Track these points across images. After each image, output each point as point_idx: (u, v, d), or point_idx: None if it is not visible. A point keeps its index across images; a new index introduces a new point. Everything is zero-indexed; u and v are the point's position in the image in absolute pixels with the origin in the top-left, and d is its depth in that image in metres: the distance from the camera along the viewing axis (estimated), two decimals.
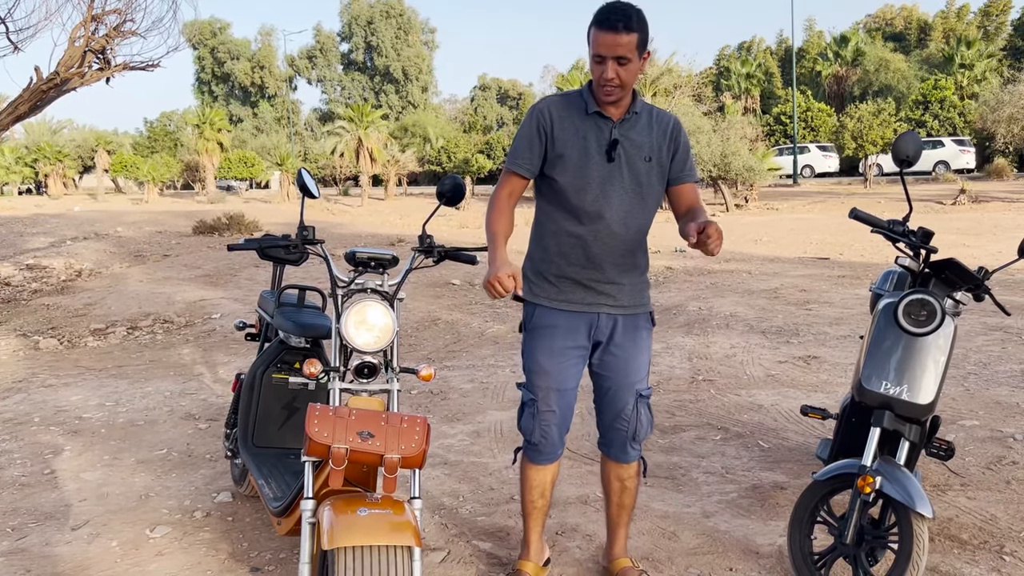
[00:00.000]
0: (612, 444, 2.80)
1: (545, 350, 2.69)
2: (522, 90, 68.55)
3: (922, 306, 2.67)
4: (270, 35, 71.72)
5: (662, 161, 2.68)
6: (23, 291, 10.37)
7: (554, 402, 2.71)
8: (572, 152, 2.61)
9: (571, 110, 2.64)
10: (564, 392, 2.71)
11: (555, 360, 2.68)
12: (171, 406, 5.31)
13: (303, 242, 2.88)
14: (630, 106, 2.62)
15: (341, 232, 17.81)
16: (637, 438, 2.76)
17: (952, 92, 36.15)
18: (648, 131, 2.65)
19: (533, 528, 2.89)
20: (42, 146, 45.20)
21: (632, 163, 2.63)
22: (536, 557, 2.91)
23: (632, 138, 2.63)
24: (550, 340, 2.69)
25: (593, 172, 2.60)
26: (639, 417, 2.73)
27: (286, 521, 2.79)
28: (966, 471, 3.85)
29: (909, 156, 2.81)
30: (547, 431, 2.73)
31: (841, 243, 13.77)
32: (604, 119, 2.61)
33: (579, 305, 2.69)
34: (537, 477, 2.82)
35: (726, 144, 23.90)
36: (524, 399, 2.76)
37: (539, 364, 2.70)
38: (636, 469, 2.86)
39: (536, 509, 2.85)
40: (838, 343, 6.58)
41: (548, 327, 2.69)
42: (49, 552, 3.27)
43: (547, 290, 2.71)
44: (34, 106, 9.07)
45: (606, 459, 2.86)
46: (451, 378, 5.81)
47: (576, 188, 2.61)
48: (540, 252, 2.74)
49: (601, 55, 2.47)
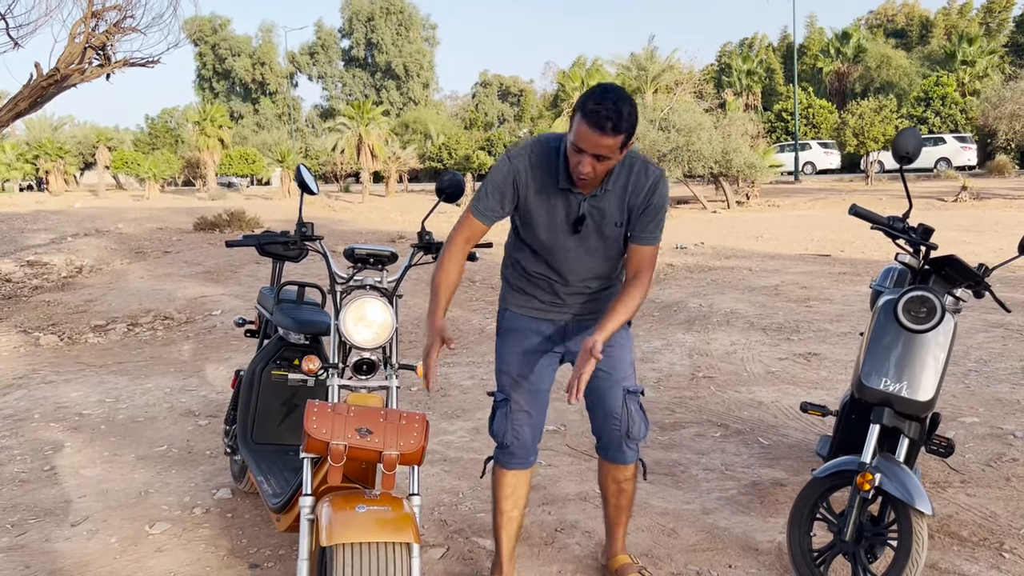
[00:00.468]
0: (609, 446, 2.76)
1: (516, 351, 2.69)
2: (523, 86, 68.52)
3: (922, 303, 2.66)
4: (271, 31, 71.71)
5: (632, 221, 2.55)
6: (24, 287, 10.37)
7: (526, 402, 2.68)
8: (540, 219, 2.55)
9: (544, 174, 2.50)
10: (536, 392, 2.70)
11: (527, 360, 2.68)
12: (171, 402, 5.31)
13: (302, 238, 2.88)
14: (603, 182, 2.48)
15: (342, 229, 17.80)
16: (632, 436, 2.71)
17: (954, 89, 36.12)
18: (621, 196, 2.51)
19: (506, 543, 2.79)
20: (43, 142, 45.19)
21: (600, 231, 2.55)
22: (509, 573, 2.82)
23: (602, 208, 2.51)
24: (521, 341, 2.69)
25: (559, 240, 2.57)
26: (630, 414, 2.68)
27: (285, 517, 2.79)
28: (966, 468, 3.84)
29: (909, 152, 2.80)
30: (519, 431, 2.69)
31: (842, 240, 13.76)
32: (574, 194, 2.50)
33: (549, 313, 2.69)
34: (511, 483, 2.74)
35: (727, 141, 23.84)
36: (496, 400, 2.73)
37: (510, 365, 2.69)
38: (634, 471, 2.82)
39: (510, 520, 2.77)
40: (839, 340, 6.57)
41: (518, 330, 2.70)
42: (49, 548, 3.27)
43: (518, 298, 2.72)
44: (34, 102, 9.06)
45: (604, 462, 2.82)
46: (451, 375, 5.81)
47: (543, 250, 2.60)
48: (512, 270, 2.75)
49: (582, 148, 2.31)
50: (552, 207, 2.53)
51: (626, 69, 36.14)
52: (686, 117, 24.31)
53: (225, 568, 3.07)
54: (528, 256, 2.66)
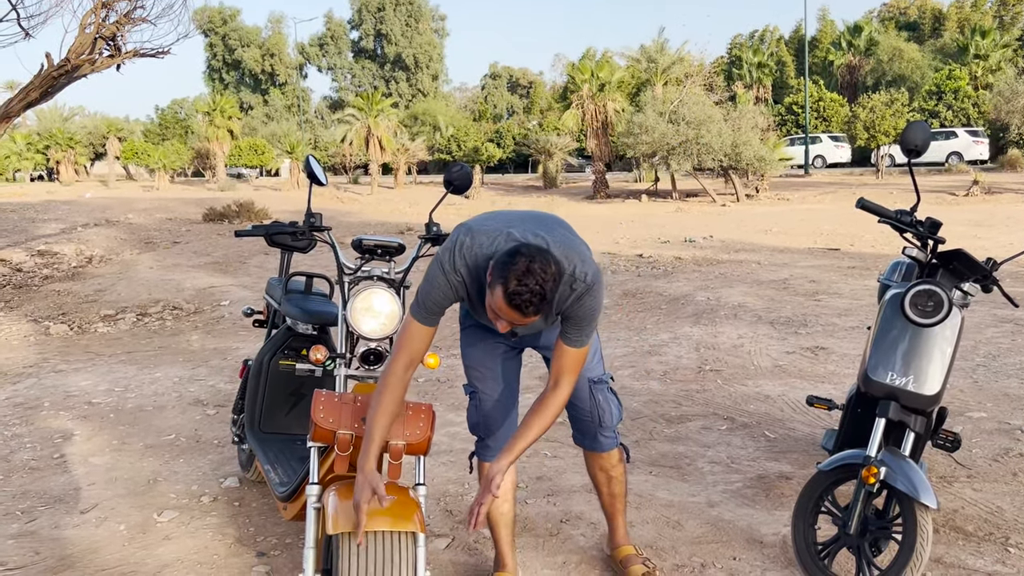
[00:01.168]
0: (584, 435, 2.80)
1: (474, 343, 2.71)
2: (533, 79, 68.35)
3: (929, 297, 2.66)
4: (280, 22, 71.67)
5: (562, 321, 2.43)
6: (34, 277, 10.43)
7: (492, 390, 2.68)
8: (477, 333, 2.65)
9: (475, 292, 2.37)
10: (500, 381, 2.69)
11: (484, 350, 2.69)
12: (179, 392, 5.35)
13: (310, 229, 2.90)
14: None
15: (350, 220, 17.83)
16: (604, 424, 2.73)
17: (966, 82, 35.85)
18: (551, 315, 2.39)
19: (503, 538, 2.81)
20: (53, 133, 45.33)
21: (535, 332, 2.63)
22: (512, 569, 2.82)
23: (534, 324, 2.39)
24: (482, 336, 2.69)
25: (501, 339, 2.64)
26: (598, 404, 2.70)
27: (292, 506, 2.81)
28: (972, 463, 3.83)
29: (918, 145, 2.79)
30: (492, 423, 2.69)
31: (851, 234, 13.71)
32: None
33: None
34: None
35: (737, 134, 23.77)
36: (467, 393, 2.75)
37: (470, 356, 2.72)
38: (618, 457, 2.83)
39: (502, 515, 2.77)
40: (847, 334, 6.55)
41: (475, 325, 2.70)
42: (58, 535, 3.30)
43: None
44: (45, 92, 9.10)
45: (586, 452, 2.85)
46: (457, 367, 5.79)
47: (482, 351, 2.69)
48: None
49: (501, 319, 2.20)
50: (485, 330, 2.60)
51: (636, 61, 35.96)
52: (696, 110, 24.24)
53: (232, 556, 3.10)
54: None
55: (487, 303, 2.21)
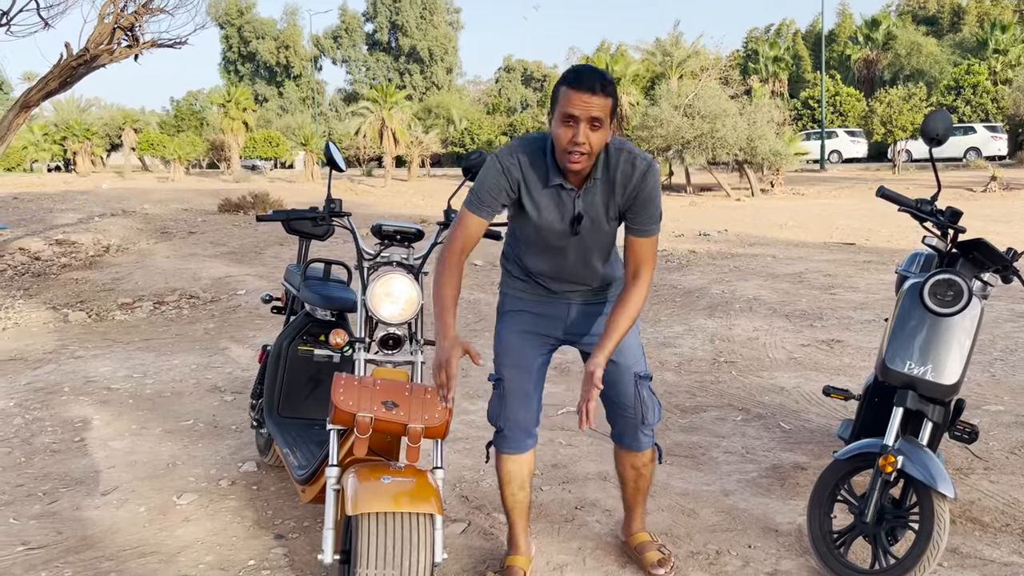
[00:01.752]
0: (624, 434, 2.76)
1: (513, 331, 2.70)
2: (547, 71, 68.20)
3: (949, 286, 2.65)
4: (295, 14, 71.80)
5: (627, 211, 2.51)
6: (53, 265, 10.52)
7: (518, 381, 2.66)
8: (535, 220, 2.51)
9: (535, 174, 2.46)
10: (528, 371, 2.67)
11: (521, 339, 2.68)
12: (197, 378, 5.39)
13: (330, 214, 2.92)
14: (592, 171, 2.43)
15: (364, 212, 17.87)
16: (647, 422, 2.70)
17: (985, 77, 35.48)
18: (611, 188, 2.46)
19: (518, 523, 2.82)
20: (71, 124, 45.63)
21: (597, 228, 2.53)
22: (525, 552, 2.84)
23: (596, 203, 2.48)
24: (519, 322, 2.70)
25: (557, 242, 2.55)
26: (643, 401, 2.67)
27: (310, 489, 2.83)
28: (990, 455, 3.82)
29: (939, 135, 2.78)
30: (513, 414, 2.67)
31: (868, 228, 13.63)
32: (567, 191, 2.45)
33: (550, 298, 2.69)
34: (512, 468, 2.73)
35: (752, 128, 23.65)
36: (492, 382, 2.73)
37: (505, 344, 2.70)
38: (651, 456, 2.81)
39: (518, 503, 2.79)
40: (862, 327, 6.53)
41: (518, 311, 2.71)
42: (79, 516, 3.34)
43: (519, 285, 2.72)
44: (64, 82, 9.16)
45: (620, 449, 2.82)
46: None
47: (540, 250, 2.60)
48: (513, 256, 2.74)
49: (573, 115, 2.26)
50: (546, 208, 2.48)
51: (651, 55, 35.86)
52: (711, 103, 24.12)
53: (251, 538, 3.13)
54: (527, 254, 2.65)
55: (555, 122, 2.33)
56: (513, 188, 2.46)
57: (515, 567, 2.78)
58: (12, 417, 4.61)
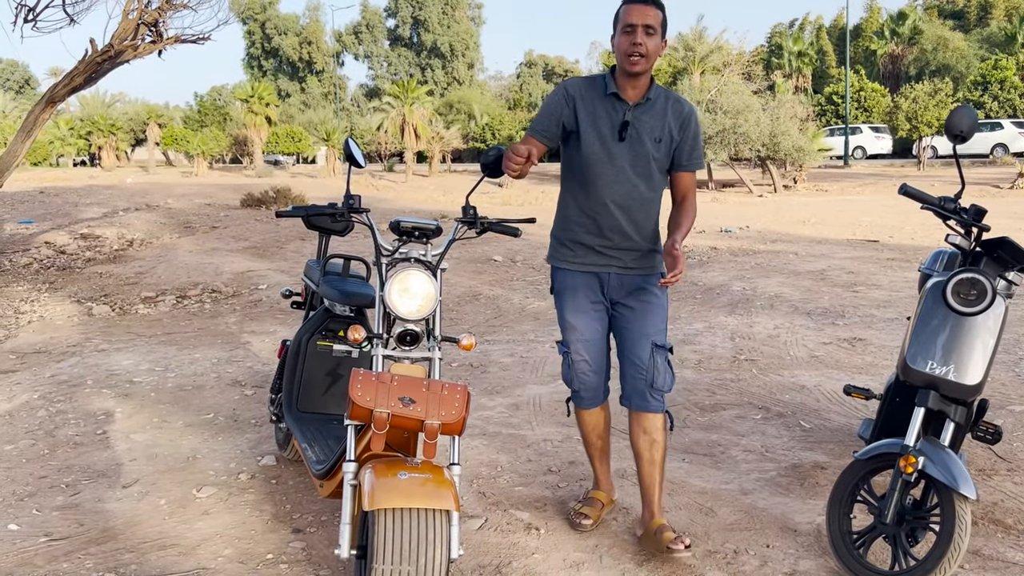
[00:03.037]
0: (633, 393, 2.97)
1: (570, 308, 3.02)
2: (568, 67, 68.02)
3: (972, 285, 2.61)
4: (317, 10, 72.07)
5: (671, 144, 2.92)
6: (77, 259, 10.65)
7: (584, 351, 3.01)
8: (588, 129, 2.89)
9: (592, 92, 2.92)
10: (591, 342, 3.01)
11: (579, 315, 3.01)
12: (218, 372, 5.43)
13: (349, 210, 2.93)
14: (646, 91, 2.88)
15: (385, 207, 17.92)
16: (656, 386, 2.92)
17: (1013, 72, 34.94)
18: (662, 115, 2.90)
19: (599, 466, 3.21)
20: (96, 119, 46.11)
21: (642, 142, 2.88)
22: (607, 488, 3.23)
23: (644, 120, 2.88)
24: (572, 298, 3.02)
25: (605, 149, 2.88)
26: (656, 365, 2.91)
27: (328, 484, 2.85)
28: (1013, 456, 3.77)
29: (963, 131, 2.74)
30: (584, 378, 3.04)
31: (891, 226, 13.49)
32: (620, 101, 2.88)
33: (592, 266, 2.98)
34: (590, 420, 3.13)
35: (775, 123, 23.44)
36: (560, 351, 3.09)
37: (567, 320, 3.03)
38: (663, 422, 2.97)
39: (597, 449, 3.17)
40: (885, 326, 6.47)
41: (570, 287, 3.02)
42: (101, 508, 3.38)
43: (565, 254, 3.04)
44: (89, 78, 9.25)
45: (632, 413, 3.01)
46: (491, 352, 5.85)
47: (588, 163, 2.90)
48: (560, 221, 3.07)
49: (632, 24, 2.74)
50: (599, 117, 2.88)
51: (673, 49, 35.65)
52: (734, 99, 23.93)
53: (269, 532, 3.15)
54: (574, 187, 2.97)
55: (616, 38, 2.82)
56: (568, 103, 2.90)
57: (596, 498, 3.18)
58: (36, 409, 4.67)
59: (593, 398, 3.09)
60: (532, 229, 3.16)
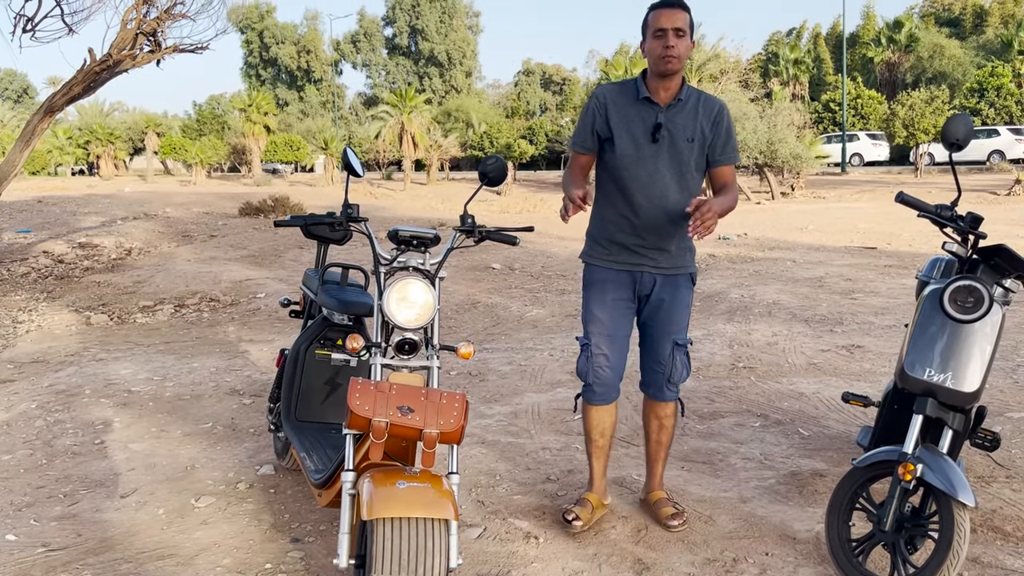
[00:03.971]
0: (651, 384, 3.19)
1: (598, 302, 3.11)
2: (566, 75, 68.16)
3: (969, 292, 2.62)
4: (315, 19, 72.29)
5: (704, 142, 3.01)
6: (76, 268, 10.65)
7: (605, 346, 3.09)
8: (621, 133, 2.99)
9: (624, 97, 3.02)
10: (614, 338, 3.10)
11: (606, 310, 3.09)
12: (216, 381, 5.43)
13: (347, 219, 2.93)
14: (677, 92, 2.98)
15: (383, 215, 17.95)
16: (672, 380, 3.14)
17: (1009, 79, 35.05)
18: (694, 114, 2.99)
19: (596, 466, 3.25)
20: (94, 128, 46.19)
21: (675, 143, 2.97)
22: (600, 492, 3.26)
23: (677, 121, 2.97)
24: (601, 293, 3.10)
25: (638, 151, 2.97)
26: (675, 362, 3.12)
27: (327, 493, 2.84)
28: (1012, 463, 3.77)
29: (959, 139, 2.75)
30: (599, 373, 3.11)
31: (889, 232, 13.51)
32: (652, 104, 2.97)
33: (625, 265, 3.08)
34: (596, 417, 3.18)
35: (773, 131, 23.51)
36: (580, 344, 3.15)
37: (592, 313, 3.11)
38: (674, 409, 3.22)
39: (598, 448, 3.22)
40: (883, 333, 6.47)
41: (600, 282, 3.12)
42: (99, 518, 3.38)
43: (599, 252, 3.14)
44: (88, 87, 9.28)
45: (646, 398, 3.24)
46: (490, 360, 5.85)
47: (623, 166, 3.00)
48: (596, 220, 3.16)
49: (663, 28, 2.85)
50: (632, 120, 2.98)
51: None
52: (731, 106, 23.90)
53: (268, 541, 3.15)
54: (611, 188, 3.06)
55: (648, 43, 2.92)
56: (600, 111, 3.02)
57: (588, 500, 3.22)
58: (34, 419, 4.67)
59: (605, 395, 3.15)
60: (530, 238, 3.18)
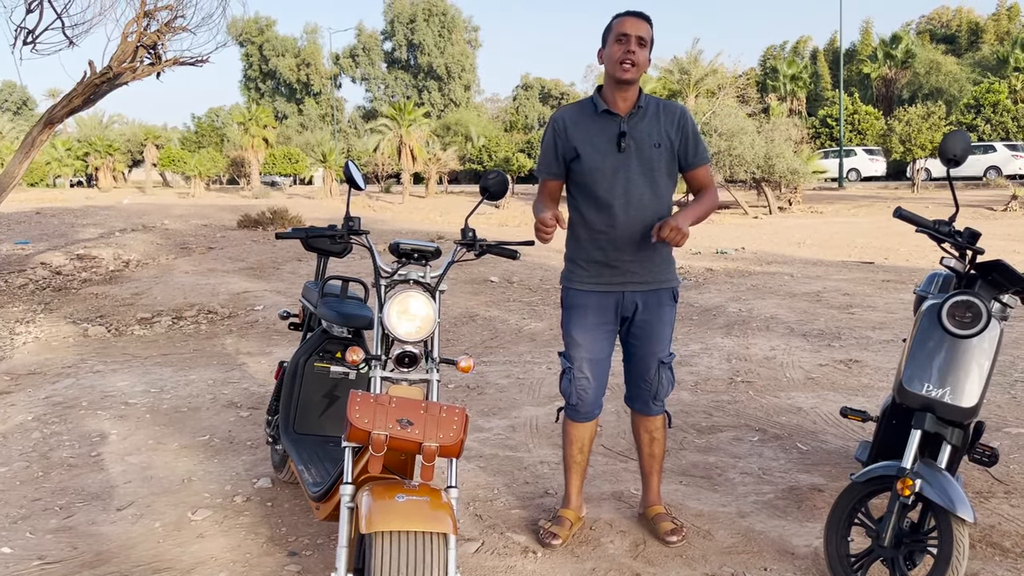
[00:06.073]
0: (636, 399, 3.22)
1: (579, 326, 3.09)
2: (565, 89, 68.42)
3: (967, 307, 2.63)
4: (315, 33, 72.51)
5: (672, 148, 3.02)
6: (73, 280, 10.63)
7: (587, 369, 3.10)
8: (586, 148, 2.99)
9: (583, 114, 3.04)
10: (596, 361, 3.11)
11: (587, 334, 3.08)
12: (214, 394, 5.42)
13: (349, 232, 2.93)
14: (636, 101, 2.98)
15: (382, 228, 17.96)
16: (658, 397, 3.17)
17: (1006, 96, 35.25)
18: (656, 121, 3.00)
19: (573, 482, 3.27)
20: (93, 140, 46.26)
21: (642, 151, 2.97)
22: (575, 507, 3.28)
23: (640, 128, 2.98)
24: (582, 317, 3.08)
25: (606, 163, 2.97)
26: (660, 379, 3.14)
27: (324, 506, 2.83)
28: (1010, 479, 3.77)
29: (957, 155, 2.77)
30: (582, 394, 3.13)
31: (886, 247, 13.55)
32: (612, 115, 2.98)
33: (606, 285, 3.05)
34: (576, 433, 3.22)
35: (770, 146, 23.60)
36: (563, 366, 3.15)
37: (573, 338, 3.10)
38: (662, 422, 3.26)
39: (575, 463, 3.25)
40: (881, 347, 6.48)
41: (581, 306, 3.08)
42: (95, 531, 3.36)
43: (579, 274, 3.10)
44: (88, 99, 9.30)
45: (634, 413, 3.27)
46: (488, 373, 5.84)
47: (593, 179, 2.99)
48: (572, 242, 3.13)
49: (627, 33, 2.87)
50: (594, 134, 2.98)
51: (668, 72, 35.92)
52: (729, 121, 24.09)
53: (265, 555, 3.13)
54: (583, 206, 3.03)
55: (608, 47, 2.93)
56: (561, 134, 3.03)
57: (564, 517, 3.23)
58: (31, 431, 4.65)
59: (588, 413, 3.18)
60: (529, 251, 3.19)
